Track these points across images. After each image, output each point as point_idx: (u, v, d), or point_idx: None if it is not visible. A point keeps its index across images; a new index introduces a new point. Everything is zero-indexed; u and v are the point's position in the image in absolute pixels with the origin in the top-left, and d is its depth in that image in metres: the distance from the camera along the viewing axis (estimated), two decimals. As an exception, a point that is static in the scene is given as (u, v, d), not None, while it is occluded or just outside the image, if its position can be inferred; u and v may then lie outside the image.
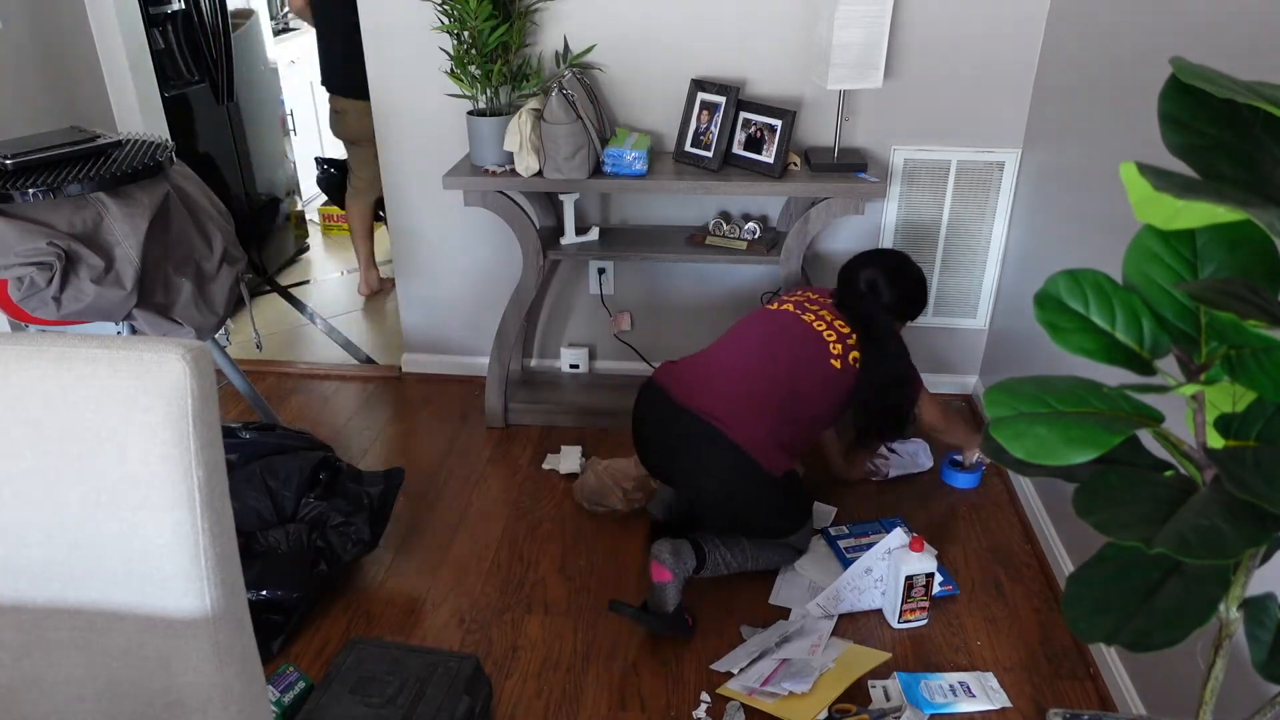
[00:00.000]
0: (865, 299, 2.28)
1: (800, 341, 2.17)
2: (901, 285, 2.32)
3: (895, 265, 2.34)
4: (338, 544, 2.16)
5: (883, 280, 2.31)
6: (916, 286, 2.36)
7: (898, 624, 2.10)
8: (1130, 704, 1.83)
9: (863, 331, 2.21)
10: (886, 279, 2.31)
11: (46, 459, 0.92)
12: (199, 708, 1.01)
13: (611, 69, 2.75)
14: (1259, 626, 0.95)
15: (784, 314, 2.25)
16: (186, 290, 2.30)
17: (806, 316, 2.22)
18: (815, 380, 2.14)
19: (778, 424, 2.08)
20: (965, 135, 2.74)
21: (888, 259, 2.36)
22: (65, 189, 2.07)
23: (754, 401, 2.08)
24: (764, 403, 2.08)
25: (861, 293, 2.30)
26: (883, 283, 2.31)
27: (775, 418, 2.08)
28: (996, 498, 2.59)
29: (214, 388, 0.93)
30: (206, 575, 0.95)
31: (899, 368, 2.25)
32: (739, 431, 2.04)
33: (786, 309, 2.27)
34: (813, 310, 2.25)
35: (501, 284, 3.07)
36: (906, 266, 2.36)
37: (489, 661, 2.02)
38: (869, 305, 2.27)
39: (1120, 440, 0.81)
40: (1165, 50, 1.86)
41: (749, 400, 2.08)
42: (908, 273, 2.35)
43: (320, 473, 2.25)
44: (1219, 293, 0.75)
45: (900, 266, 2.35)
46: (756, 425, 2.06)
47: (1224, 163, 0.80)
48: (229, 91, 3.68)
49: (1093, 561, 0.91)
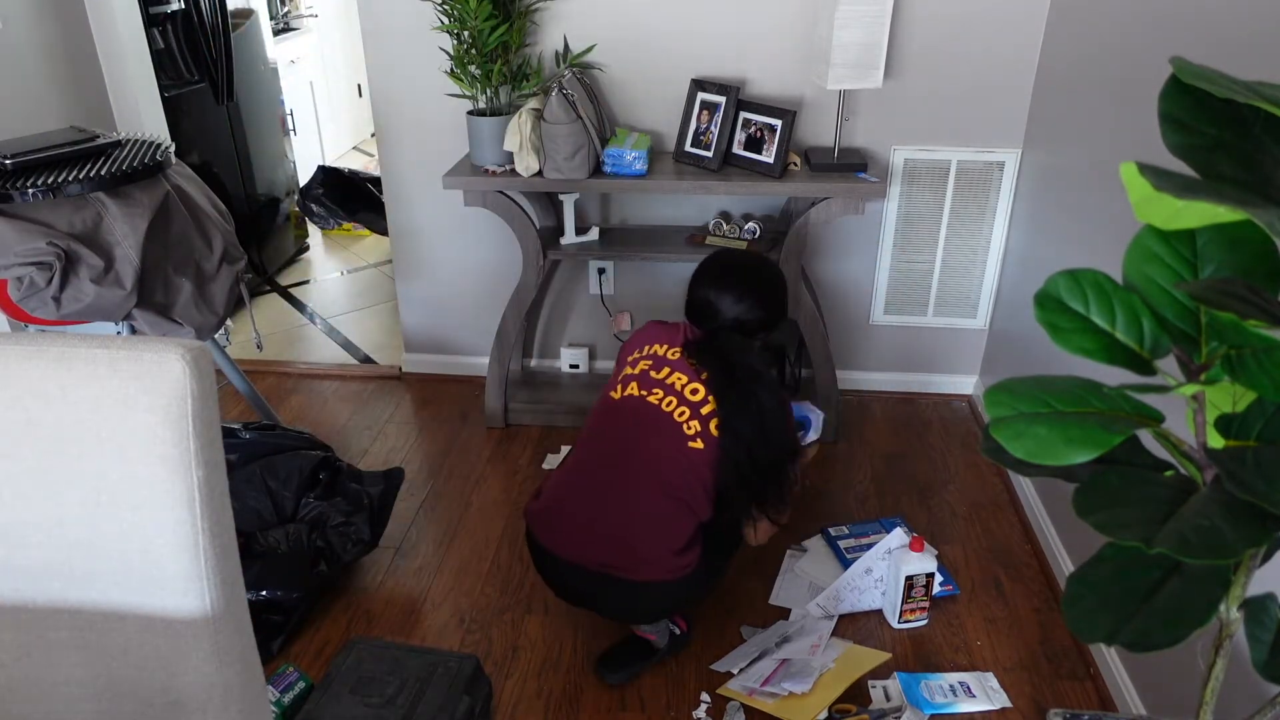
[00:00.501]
0: (710, 329, 1.92)
1: (652, 432, 1.84)
2: (740, 288, 1.90)
3: (721, 269, 1.92)
4: (338, 544, 2.16)
5: (715, 294, 1.90)
6: (763, 282, 1.92)
7: (898, 624, 2.10)
8: (1130, 704, 1.83)
9: (719, 380, 1.84)
10: (719, 290, 1.90)
11: (46, 459, 0.92)
12: (199, 708, 1.01)
13: (611, 69, 2.75)
14: (1259, 626, 0.95)
15: (629, 403, 1.89)
16: (186, 290, 2.30)
17: (653, 396, 1.86)
18: (680, 471, 1.81)
19: (672, 532, 1.82)
20: (965, 135, 2.74)
21: (710, 266, 1.95)
22: (65, 189, 2.07)
23: (636, 529, 1.81)
24: (647, 526, 1.81)
25: (702, 320, 1.93)
26: (717, 297, 1.90)
27: (667, 529, 1.81)
28: (996, 498, 2.59)
29: (214, 388, 0.93)
30: (206, 575, 0.95)
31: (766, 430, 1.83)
32: (638, 571, 1.80)
33: (630, 393, 1.90)
34: (660, 378, 1.88)
35: (501, 284, 3.07)
36: (735, 265, 1.94)
37: (489, 661, 2.02)
38: (716, 339, 1.90)
39: (1120, 440, 0.81)
40: (1165, 50, 1.86)
41: (630, 530, 1.81)
42: (743, 271, 1.93)
43: (320, 473, 2.26)
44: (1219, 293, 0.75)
45: (728, 268, 1.93)
46: (651, 551, 1.80)
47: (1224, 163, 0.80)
48: (229, 91, 3.68)
49: (1093, 561, 0.91)
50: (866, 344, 3.09)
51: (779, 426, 1.85)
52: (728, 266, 1.94)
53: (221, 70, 3.61)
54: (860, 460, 2.77)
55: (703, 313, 1.93)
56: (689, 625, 2.08)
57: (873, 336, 3.08)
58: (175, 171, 2.34)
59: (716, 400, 1.82)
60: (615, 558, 1.81)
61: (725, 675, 1.97)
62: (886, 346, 3.09)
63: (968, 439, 2.87)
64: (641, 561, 1.80)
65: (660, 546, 1.81)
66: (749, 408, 1.82)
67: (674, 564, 1.82)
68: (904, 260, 2.93)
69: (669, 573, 1.82)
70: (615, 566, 1.81)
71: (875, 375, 3.14)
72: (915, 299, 2.99)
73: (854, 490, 2.63)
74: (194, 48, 3.49)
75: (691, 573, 1.85)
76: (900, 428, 2.94)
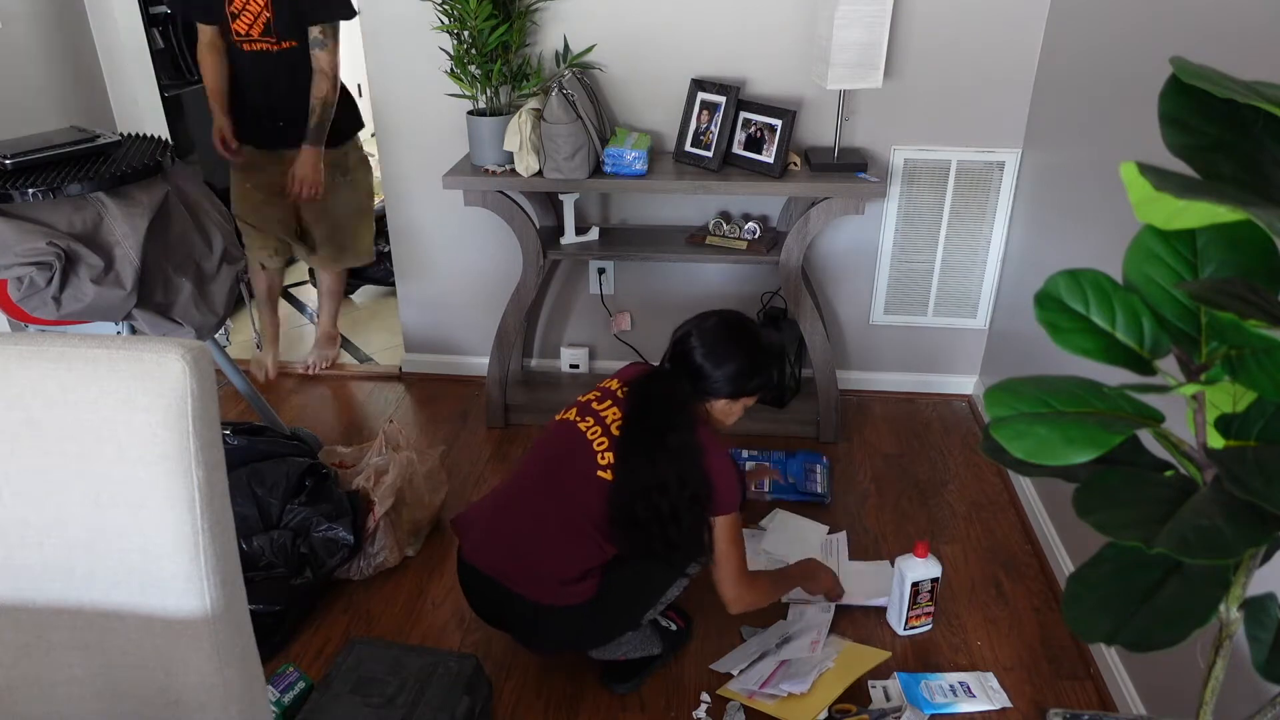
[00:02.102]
0: (667, 369, 1.86)
1: (570, 456, 1.83)
2: (716, 344, 1.81)
3: (716, 323, 1.84)
4: (322, 551, 2.15)
5: (696, 339, 1.82)
6: (746, 348, 1.82)
7: (904, 631, 2.09)
8: (1130, 704, 1.83)
9: (631, 414, 1.81)
10: (700, 337, 1.82)
11: (46, 459, 0.92)
12: (199, 708, 1.01)
13: (611, 69, 2.75)
14: (1259, 626, 0.95)
15: (563, 427, 1.88)
16: (186, 290, 2.30)
17: (583, 423, 1.84)
18: (588, 499, 1.78)
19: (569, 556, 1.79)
20: (965, 135, 2.74)
21: (711, 316, 1.86)
22: (65, 189, 2.07)
23: (539, 546, 1.80)
24: (548, 546, 1.80)
25: (673, 358, 1.86)
26: (696, 343, 1.82)
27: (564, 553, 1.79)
28: (996, 498, 2.59)
29: (214, 388, 0.93)
30: (206, 575, 0.95)
31: (662, 473, 1.73)
32: (530, 589, 1.79)
33: (568, 417, 1.89)
34: (597, 409, 1.86)
35: (501, 284, 3.07)
36: (731, 325, 1.84)
37: (489, 661, 2.02)
38: (652, 379, 1.86)
39: (1120, 440, 0.81)
40: (1165, 50, 1.86)
41: (533, 547, 1.80)
42: (732, 331, 1.83)
43: (306, 479, 2.25)
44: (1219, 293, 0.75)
45: (724, 324, 1.84)
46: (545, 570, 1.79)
47: (1224, 163, 0.80)
48: (229, 91, 3.67)
49: (1093, 561, 0.91)
50: (866, 344, 3.09)
51: (683, 474, 1.75)
52: (729, 319, 1.86)
53: (221, 70, 3.60)
54: (860, 460, 2.77)
55: (673, 355, 1.87)
56: (687, 622, 2.08)
57: (873, 336, 3.08)
58: (175, 171, 2.34)
59: (620, 433, 1.80)
60: (516, 571, 1.80)
61: (725, 675, 1.97)
62: (886, 346, 3.09)
63: (968, 439, 2.87)
64: (534, 579, 1.79)
65: (552, 569, 1.79)
66: (648, 444, 1.76)
67: (560, 591, 1.77)
68: (904, 260, 2.93)
69: (556, 598, 1.78)
70: (515, 580, 1.80)
71: (875, 375, 3.14)
72: (915, 299, 2.99)
73: (854, 490, 2.63)
74: (194, 48, 3.48)
75: (581, 605, 1.79)
76: (900, 428, 2.94)
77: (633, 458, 1.77)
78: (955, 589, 2.24)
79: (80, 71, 3.02)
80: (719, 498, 1.79)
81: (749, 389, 1.85)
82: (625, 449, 1.78)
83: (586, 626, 1.85)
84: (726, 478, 1.81)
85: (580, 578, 1.79)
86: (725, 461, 1.82)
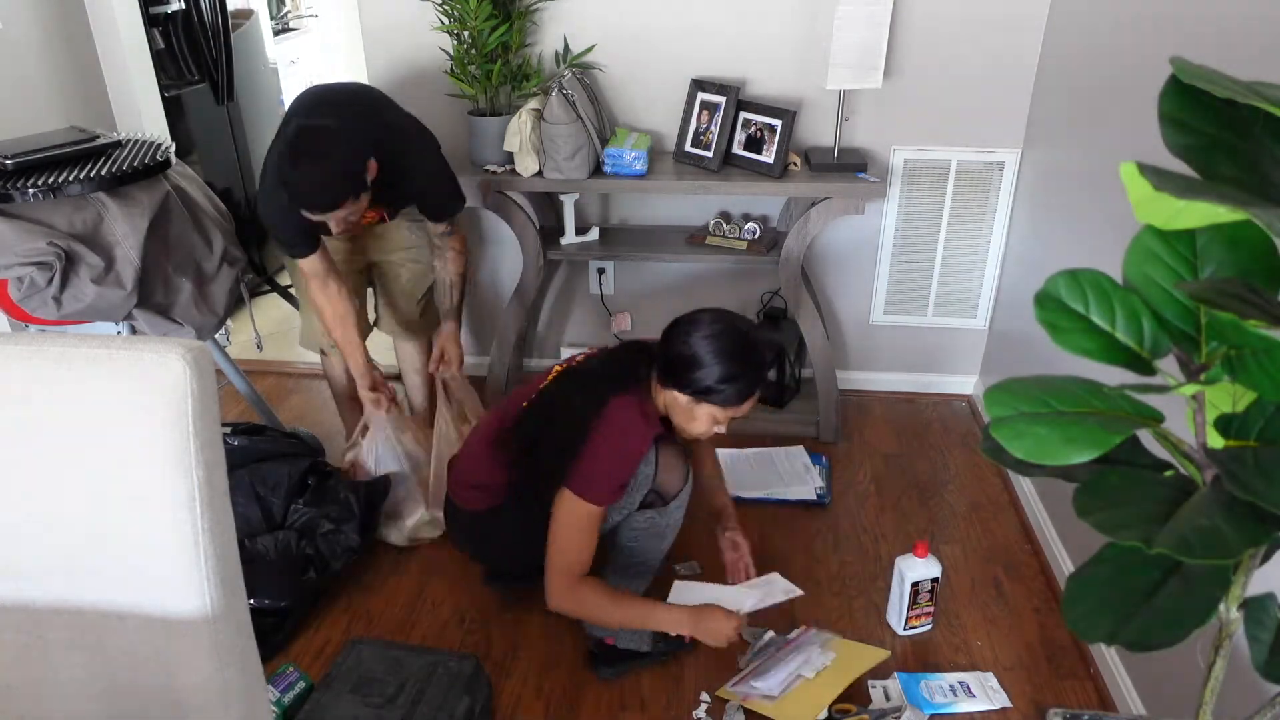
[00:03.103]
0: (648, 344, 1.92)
1: (526, 386, 2.00)
2: (688, 332, 1.80)
3: (709, 316, 1.81)
4: (326, 551, 2.15)
5: (681, 322, 1.83)
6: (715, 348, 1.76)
7: (904, 631, 2.09)
8: (1130, 704, 1.83)
9: (577, 367, 1.94)
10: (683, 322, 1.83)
11: (46, 459, 0.92)
12: (199, 708, 1.01)
13: (611, 69, 2.75)
14: (1259, 626, 0.95)
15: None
16: (186, 290, 2.30)
17: (559, 367, 1.99)
18: (510, 413, 1.95)
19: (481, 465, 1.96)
20: (965, 135, 2.74)
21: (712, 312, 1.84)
22: (65, 189, 2.07)
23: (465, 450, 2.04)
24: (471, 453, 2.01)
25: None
26: (676, 324, 1.84)
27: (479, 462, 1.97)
28: (996, 498, 2.59)
29: (214, 388, 0.93)
30: (206, 575, 0.95)
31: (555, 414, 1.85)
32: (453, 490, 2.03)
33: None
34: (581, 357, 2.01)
35: (501, 284, 3.07)
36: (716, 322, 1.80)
37: (489, 661, 2.02)
38: (625, 348, 1.95)
39: (1120, 440, 0.81)
40: (1165, 50, 1.86)
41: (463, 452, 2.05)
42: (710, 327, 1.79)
43: (309, 478, 2.24)
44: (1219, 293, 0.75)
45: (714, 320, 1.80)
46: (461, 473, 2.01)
47: (1224, 163, 0.80)
48: (229, 91, 3.68)
49: (1093, 561, 0.91)
50: (866, 344, 3.09)
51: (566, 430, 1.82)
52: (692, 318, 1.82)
53: (221, 70, 3.61)
54: (860, 460, 2.77)
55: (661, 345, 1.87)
56: None
57: (873, 336, 3.08)
58: (175, 171, 2.34)
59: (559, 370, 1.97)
60: (452, 479, 2.05)
61: (725, 675, 1.97)
62: (886, 346, 3.09)
63: (968, 439, 2.87)
64: (455, 482, 2.03)
65: (465, 469, 2.01)
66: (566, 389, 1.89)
67: (468, 494, 1.99)
68: (904, 260, 2.93)
69: (464, 500, 2.00)
70: (451, 487, 2.05)
71: (875, 375, 3.14)
72: (915, 299, 2.99)
73: (854, 490, 2.63)
74: (194, 48, 3.49)
75: (480, 512, 1.98)
76: (900, 428, 2.94)
77: (548, 392, 1.91)
78: (955, 589, 2.24)
79: (80, 71, 3.02)
80: (578, 471, 1.80)
81: (698, 388, 1.76)
82: (551, 384, 1.92)
83: (485, 534, 2.03)
84: (599, 462, 1.79)
85: (482, 485, 1.96)
86: (613, 447, 1.79)
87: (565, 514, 1.82)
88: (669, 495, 1.98)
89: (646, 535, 1.98)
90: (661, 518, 1.97)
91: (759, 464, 2.70)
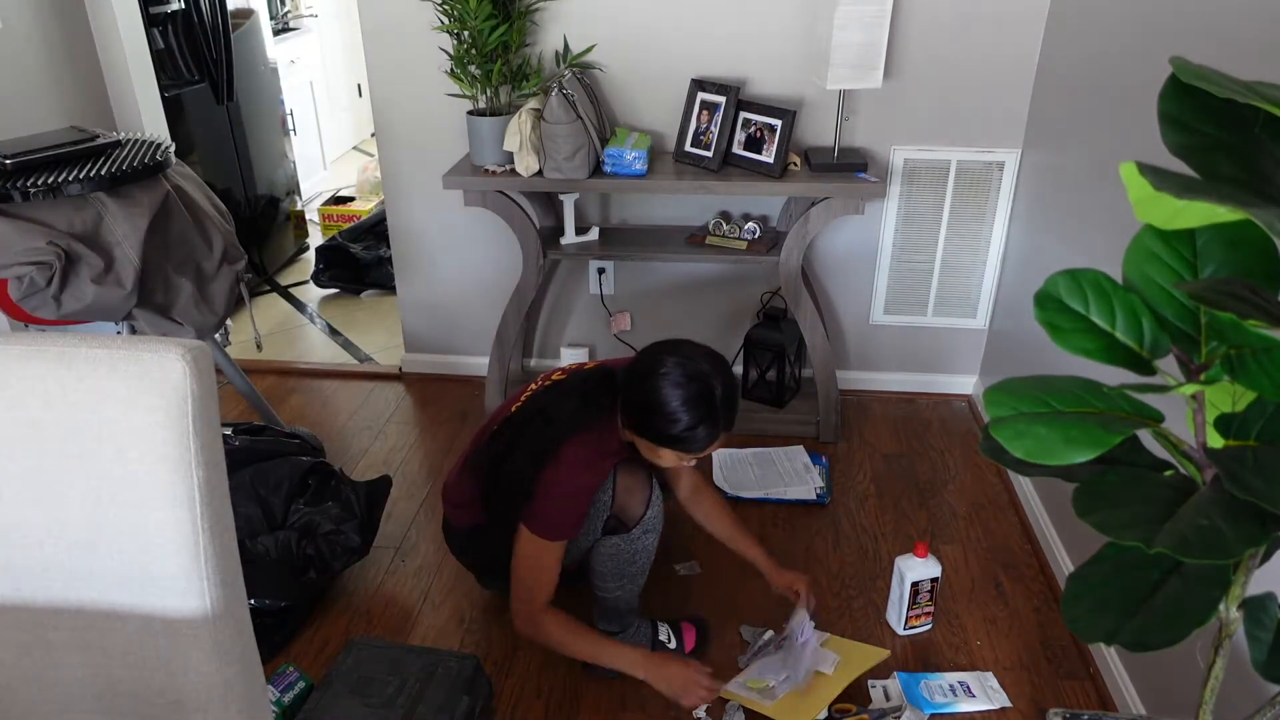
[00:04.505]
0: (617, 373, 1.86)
1: (506, 402, 2.00)
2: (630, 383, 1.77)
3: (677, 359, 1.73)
4: (327, 552, 2.15)
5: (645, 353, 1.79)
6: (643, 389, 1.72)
7: (903, 630, 2.09)
8: (1130, 704, 1.83)
9: (540, 395, 1.90)
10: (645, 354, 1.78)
11: (46, 459, 0.92)
12: (199, 708, 1.01)
13: (611, 69, 2.75)
14: (1259, 626, 0.95)
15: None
16: (186, 290, 2.30)
17: (535, 384, 1.97)
18: (482, 434, 1.99)
19: (463, 484, 1.97)
20: (965, 135, 2.74)
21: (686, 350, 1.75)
22: (65, 189, 2.07)
23: (455, 470, 2.03)
24: (459, 474, 2.00)
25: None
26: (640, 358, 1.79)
27: (463, 482, 1.97)
28: (996, 498, 2.59)
29: (214, 388, 0.93)
30: (206, 575, 0.95)
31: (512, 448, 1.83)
32: (447, 509, 2.06)
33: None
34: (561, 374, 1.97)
35: (501, 284, 3.07)
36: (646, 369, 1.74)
37: (489, 661, 2.02)
38: (590, 379, 1.86)
39: (1120, 440, 0.81)
40: (1165, 50, 1.86)
41: (451, 473, 2.06)
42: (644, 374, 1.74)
43: (310, 478, 2.24)
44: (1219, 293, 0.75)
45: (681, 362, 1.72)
46: (451, 492, 2.03)
47: (1224, 163, 0.80)
48: (229, 91, 3.68)
49: (1093, 561, 0.91)
50: (866, 344, 3.09)
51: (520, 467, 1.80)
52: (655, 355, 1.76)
53: (221, 70, 3.61)
54: (860, 460, 2.77)
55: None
56: (696, 641, 2.06)
57: (872, 336, 3.08)
58: (175, 171, 2.34)
59: (527, 397, 1.95)
60: (444, 496, 2.08)
61: (725, 676, 1.97)
62: (886, 346, 3.09)
63: (968, 439, 2.87)
64: (445, 499, 2.06)
65: (452, 487, 2.03)
66: (522, 423, 1.87)
67: (453, 511, 2.03)
68: (904, 260, 2.93)
69: (452, 516, 2.04)
70: (444, 501, 2.08)
71: (875, 375, 3.14)
72: (915, 299, 2.99)
73: (854, 490, 2.63)
74: (194, 48, 3.49)
75: (464, 529, 2.02)
76: (900, 428, 2.94)
77: (514, 421, 1.90)
78: (955, 589, 2.24)
79: (80, 71, 3.02)
80: (532, 509, 1.79)
81: (662, 436, 1.72)
82: (517, 412, 1.91)
83: (473, 548, 2.07)
84: (551, 502, 1.78)
85: (463, 504, 1.99)
86: (564, 490, 1.77)
87: (523, 549, 1.82)
88: (630, 521, 1.88)
89: (615, 560, 1.90)
90: (627, 544, 1.89)
91: (759, 464, 2.71)
